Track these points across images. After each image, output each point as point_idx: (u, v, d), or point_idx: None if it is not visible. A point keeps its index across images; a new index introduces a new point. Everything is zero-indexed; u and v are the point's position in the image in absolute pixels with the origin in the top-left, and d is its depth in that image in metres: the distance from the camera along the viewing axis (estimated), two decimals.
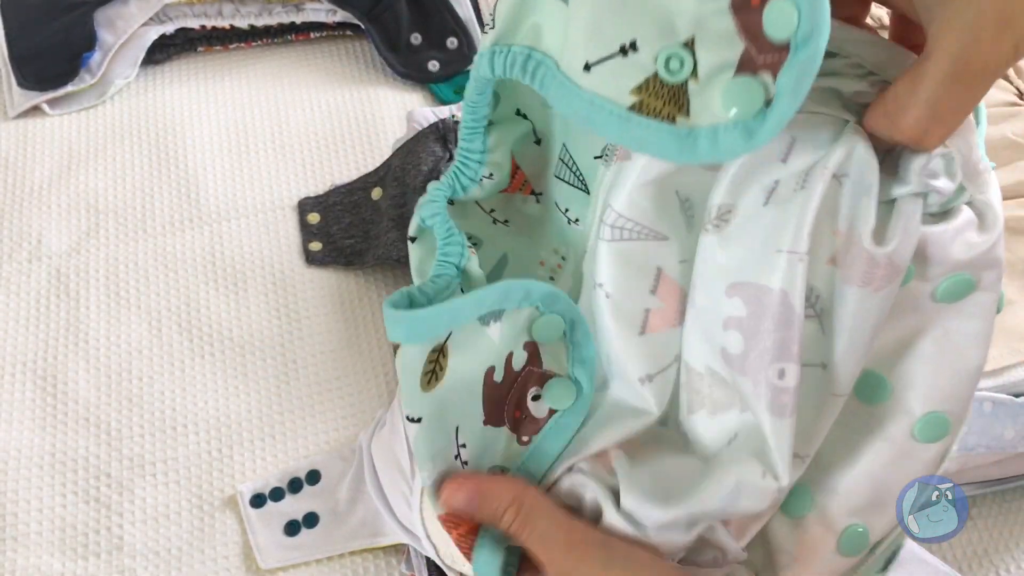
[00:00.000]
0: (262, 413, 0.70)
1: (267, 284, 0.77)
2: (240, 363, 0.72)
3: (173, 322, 0.74)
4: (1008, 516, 0.66)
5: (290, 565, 0.63)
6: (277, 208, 0.81)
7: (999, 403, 0.60)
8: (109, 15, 0.88)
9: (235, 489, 0.67)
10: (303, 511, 0.65)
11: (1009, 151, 0.71)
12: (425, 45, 0.90)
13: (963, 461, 0.62)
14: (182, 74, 0.90)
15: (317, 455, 0.68)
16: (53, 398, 0.70)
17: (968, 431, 0.60)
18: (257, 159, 0.85)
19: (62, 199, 0.82)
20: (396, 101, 0.89)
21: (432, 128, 0.78)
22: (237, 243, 0.79)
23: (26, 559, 0.63)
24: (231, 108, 0.88)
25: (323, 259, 0.78)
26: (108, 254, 0.78)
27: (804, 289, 0.38)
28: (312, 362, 0.73)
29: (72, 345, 0.73)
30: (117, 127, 0.86)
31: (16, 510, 0.65)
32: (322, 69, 0.91)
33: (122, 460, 0.68)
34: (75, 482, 0.67)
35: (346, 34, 0.93)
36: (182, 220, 0.80)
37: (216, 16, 0.90)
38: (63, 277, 0.77)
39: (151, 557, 0.64)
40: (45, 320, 0.74)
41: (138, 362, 0.72)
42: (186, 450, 0.68)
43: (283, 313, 0.75)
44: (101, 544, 0.64)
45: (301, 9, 0.90)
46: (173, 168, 0.84)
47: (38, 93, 0.87)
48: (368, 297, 0.76)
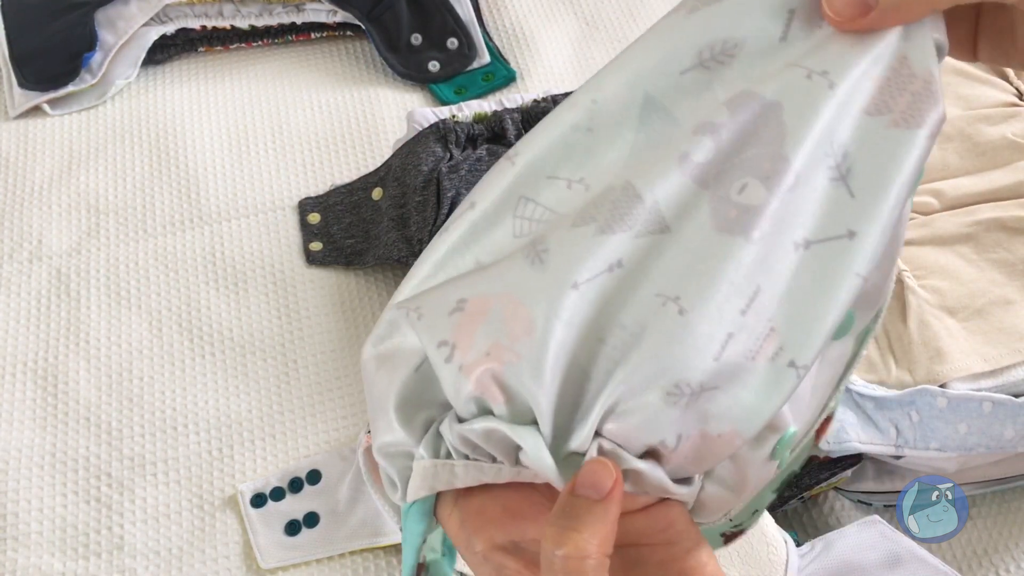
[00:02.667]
0: (262, 413, 0.70)
1: (267, 284, 0.77)
2: (240, 363, 0.73)
3: (173, 322, 0.74)
4: (1008, 516, 0.66)
5: (290, 565, 0.63)
6: (277, 208, 0.82)
7: (999, 403, 0.60)
8: (110, 15, 0.88)
9: (235, 489, 0.67)
10: (303, 511, 0.65)
11: (1009, 151, 0.71)
12: (425, 45, 0.90)
13: (963, 461, 0.62)
14: (183, 74, 0.90)
15: (317, 455, 0.68)
16: (54, 398, 0.70)
17: (968, 431, 0.60)
18: (257, 159, 0.85)
19: (63, 199, 0.82)
20: (396, 101, 0.89)
21: (432, 128, 0.79)
22: (237, 243, 0.79)
23: (27, 559, 0.63)
24: (231, 108, 0.88)
25: (323, 259, 0.78)
26: (108, 254, 0.78)
27: (808, 111, 0.36)
28: (312, 362, 0.73)
29: (72, 345, 0.73)
30: (118, 127, 0.86)
31: (17, 510, 0.65)
32: (322, 69, 0.91)
33: (122, 460, 0.68)
34: (75, 482, 0.67)
35: (346, 34, 0.93)
36: (182, 220, 0.81)
37: (217, 16, 0.90)
38: (63, 277, 0.77)
39: (151, 557, 0.64)
40: (46, 320, 0.74)
41: (138, 362, 0.72)
42: (186, 450, 0.68)
43: (283, 313, 0.75)
44: (101, 544, 0.64)
45: (302, 9, 0.90)
46: (173, 168, 0.84)
47: (39, 93, 0.87)
48: (368, 297, 0.76)
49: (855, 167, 0.36)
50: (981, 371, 0.62)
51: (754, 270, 0.35)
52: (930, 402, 0.61)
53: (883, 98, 0.36)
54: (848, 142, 0.36)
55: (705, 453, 0.36)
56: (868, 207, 0.36)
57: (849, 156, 0.36)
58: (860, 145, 0.36)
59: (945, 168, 0.71)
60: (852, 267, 0.36)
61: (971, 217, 0.68)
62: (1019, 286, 0.65)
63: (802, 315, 0.35)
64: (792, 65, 0.37)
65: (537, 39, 0.93)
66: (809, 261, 0.35)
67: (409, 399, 0.38)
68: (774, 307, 0.35)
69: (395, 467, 0.39)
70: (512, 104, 0.82)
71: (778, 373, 0.35)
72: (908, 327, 0.64)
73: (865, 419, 0.62)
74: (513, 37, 0.94)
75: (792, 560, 0.58)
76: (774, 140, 0.36)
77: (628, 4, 0.97)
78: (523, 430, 0.35)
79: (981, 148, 0.71)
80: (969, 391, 0.61)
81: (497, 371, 0.35)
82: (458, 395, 0.36)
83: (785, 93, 0.36)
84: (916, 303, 0.64)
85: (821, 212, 0.36)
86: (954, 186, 0.70)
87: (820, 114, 0.36)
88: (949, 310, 0.65)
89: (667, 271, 0.35)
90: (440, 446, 0.37)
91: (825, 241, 0.36)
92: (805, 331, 0.35)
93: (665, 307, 0.35)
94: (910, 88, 0.36)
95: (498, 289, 0.36)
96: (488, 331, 0.35)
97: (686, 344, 0.34)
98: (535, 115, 0.81)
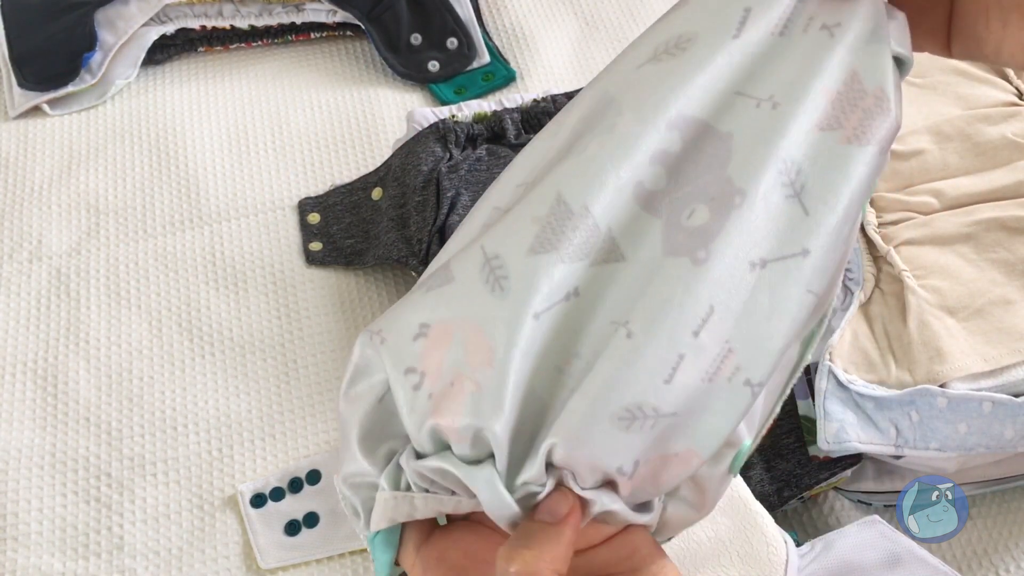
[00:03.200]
0: (262, 413, 0.70)
1: (267, 284, 0.77)
2: (240, 363, 0.73)
3: (173, 322, 0.74)
4: (1008, 516, 0.66)
5: (290, 565, 0.63)
6: (277, 208, 0.82)
7: (999, 403, 0.60)
8: (109, 15, 0.88)
9: (235, 489, 0.67)
10: (303, 511, 0.65)
11: (1009, 151, 0.71)
12: (425, 45, 0.90)
13: (963, 461, 0.62)
14: (182, 74, 0.90)
15: (317, 455, 0.68)
16: (53, 398, 0.70)
17: (968, 431, 0.60)
18: (257, 159, 0.85)
19: (62, 199, 0.82)
20: (396, 101, 0.89)
21: (432, 128, 0.79)
22: (237, 243, 0.79)
23: (26, 559, 0.63)
24: (231, 108, 0.88)
25: (323, 259, 0.78)
26: (108, 254, 0.78)
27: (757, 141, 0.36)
28: (312, 362, 0.73)
29: (72, 345, 0.73)
30: (117, 127, 0.86)
31: (16, 510, 0.65)
32: (322, 69, 0.91)
33: (122, 460, 0.68)
34: (75, 482, 0.67)
35: (346, 34, 0.93)
36: (182, 220, 0.81)
37: (216, 16, 0.90)
38: (63, 277, 0.77)
39: (151, 557, 0.64)
40: (45, 320, 0.74)
41: (138, 362, 0.72)
42: (186, 450, 0.68)
43: (283, 313, 0.75)
44: (101, 544, 0.64)
45: (301, 9, 0.90)
46: (173, 168, 0.84)
47: (38, 93, 0.87)
48: (368, 297, 0.76)
49: (808, 183, 0.36)
50: (981, 371, 0.62)
51: (706, 291, 0.35)
52: (930, 402, 0.61)
53: (835, 113, 0.36)
54: (801, 159, 0.36)
55: (663, 475, 0.36)
56: (822, 224, 0.36)
57: (803, 172, 0.36)
58: (813, 161, 0.36)
59: (945, 168, 0.71)
60: (804, 284, 0.36)
61: (971, 217, 0.68)
62: (1019, 286, 0.65)
63: (757, 334, 0.35)
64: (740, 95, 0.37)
65: (537, 39, 0.93)
66: (765, 280, 0.35)
67: (372, 430, 0.37)
68: (730, 327, 0.35)
69: (359, 497, 0.39)
70: (512, 104, 0.82)
71: (735, 392, 0.35)
72: (908, 327, 0.64)
73: (865, 419, 0.62)
74: (513, 37, 0.94)
75: (792, 560, 0.58)
76: (721, 166, 0.36)
77: (628, 4, 0.97)
78: (476, 473, 0.35)
79: (981, 148, 0.71)
80: (969, 391, 0.61)
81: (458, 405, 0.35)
82: (421, 426, 0.36)
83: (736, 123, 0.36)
84: (916, 303, 0.64)
85: (777, 230, 0.36)
86: (954, 186, 0.70)
87: (769, 138, 0.36)
88: (949, 310, 0.65)
89: (620, 298, 0.35)
90: (400, 478, 0.37)
91: (781, 260, 0.36)
92: (760, 350, 0.35)
93: (616, 333, 0.35)
94: (861, 105, 0.36)
95: (459, 315, 0.36)
96: (453, 359, 0.35)
97: (635, 368, 0.34)
98: (535, 115, 0.81)
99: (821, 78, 0.36)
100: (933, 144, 0.71)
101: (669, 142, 0.37)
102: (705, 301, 0.35)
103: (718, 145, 0.36)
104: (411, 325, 0.36)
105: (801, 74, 0.36)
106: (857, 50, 0.37)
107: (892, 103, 0.36)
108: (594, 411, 0.34)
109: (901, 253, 0.67)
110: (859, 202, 0.36)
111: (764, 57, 0.37)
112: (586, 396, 0.34)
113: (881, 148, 0.36)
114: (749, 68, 0.37)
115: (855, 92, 0.36)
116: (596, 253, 0.36)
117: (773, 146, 0.36)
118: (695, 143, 0.37)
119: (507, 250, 0.36)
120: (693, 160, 0.36)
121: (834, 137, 0.36)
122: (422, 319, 0.36)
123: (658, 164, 0.37)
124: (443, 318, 0.36)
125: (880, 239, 0.68)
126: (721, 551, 0.59)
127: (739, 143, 0.36)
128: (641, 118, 0.37)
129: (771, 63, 0.37)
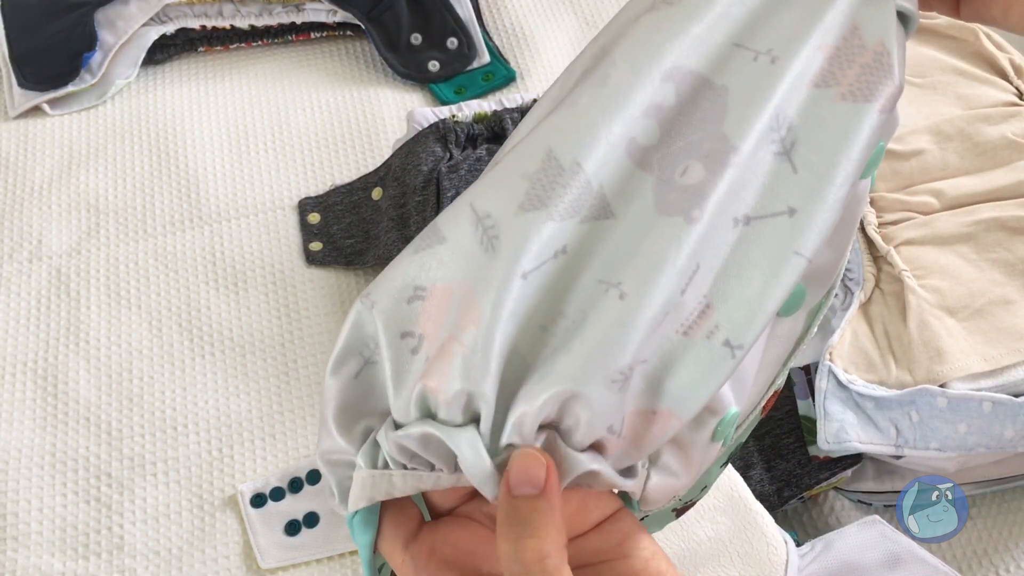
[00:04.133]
0: (262, 413, 0.70)
1: (267, 284, 0.77)
2: (240, 363, 0.73)
3: (173, 322, 0.74)
4: (1008, 516, 0.66)
5: (290, 565, 0.63)
6: (277, 208, 0.82)
7: (999, 403, 0.60)
8: (109, 15, 0.88)
9: (235, 489, 0.67)
10: (303, 511, 0.65)
11: (1009, 151, 0.71)
12: (425, 45, 0.90)
13: (963, 461, 0.62)
14: (182, 74, 0.90)
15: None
16: (53, 398, 0.70)
17: (968, 431, 0.60)
18: (257, 159, 0.85)
19: (62, 199, 0.82)
20: (396, 101, 0.89)
21: (432, 128, 0.79)
22: (237, 243, 0.79)
23: (26, 559, 0.63)
24: (231, 108, 0.88)
25: (323, 259, 0.78)
26: (108, 254, 0.78)
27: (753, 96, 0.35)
28: (312, 362, 0.73)
29: (72, 345, 0.73)
30: (117, 127, 0.86)
31: (16, 510, 0.65)
32: (322, 69, 0.91)
33: (122, 460, 0.68)
34: (75, 482, 0.67)
35: (346, 34, 0.93)
36: (182, 220, 0.81)
37: (216, 16, 0.90)
38: (63, 277, 0.77)
39: (151, 557, 0.64)
40: (45, 320, 0.74)
41: (138, 362, 0.72)
42: (186, 450, 0.68)
43: (283, 313, 0.75)
44: (101, 544, 0.64)
45: (301, 9, 0.90)
46: (173, 168, 0.84)
47: (38, 93, 0.87)
48: None
49: (799, 141, 0.35)
50: (981, 371, 0.62)
51: (696, 250, 0.34)
52: (930, 402, 0.61)
53: (831, 69, 0.36)
54: (793, 115, 0.35)
55: (643, 433, 0.35)
56: (811, 184, 0.35)
57: (793, 129, 0.35)
58: (805, 119, 0.35)
59: (945, 168, 0.71)
60: (791, 246, 0.34)
61: (971, 217, 0.68)
62: (1019, 286, 0.65)
63: (740, 294, 0.34)
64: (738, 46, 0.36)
65: (537, 39, 0.93)
66: (748, 237, 0.35)
67: (348, 406, 0.36)
68: (709, 283, 0.34)
69: (335, 476, 0.38)
70: (512, 104, 0.82)
71: (712, 352, 0.34)
72: (908, 327, 0.64)
73: (865, 419, 0.62)
74: (513, 37, 0.94)
75: (792, 560, 0.58)
76: (716, 121, 0.35)
77: None
78: (459, 435, 0.34)
79: (981, 148, 0.71)
80: (969, 391, 0.61)
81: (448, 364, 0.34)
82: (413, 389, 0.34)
83: (732, 77, 0.36)
84: (916, 303, 0.64)
85: (763, 188, 0.35)
86: (954, 186, 0.70)
87: (765, 93, 0.35)
88: (949, 310, 0.65)
89: (610, 257, 0.34)
90: (378, 455, 0.36)
91: (764, 218, 0.35)
92: (742, 311, 0.34)
93: (607, 293, 0.34)
94: (859, 60, 0.35)
95: (458, 276, 0.35)
96: (449, 321, 0.34)
97: (628, 329, 0.33)
98: None
99: (819, 32, 0.36)
100: (933, 144, 0.72)
101: (663, 95, 0.36)
102: (694, 260, 0.34)
103: (713, 99, 0.35)
104: (405, 288, 0.35)
105: (801, 27, 0.36)
106: (859, 2, 0.36)
107: (894, 59, 0.36)
108: (587, 374, 0.33)
109: (901, 253, 0.67)
110: (854, 163, 0.35)
111: (765, 8, 0.36)
112: (578, 358, 0.33)
113: (881, 106, 0.35)
114: (748, 20, 0.36)
115: (853, 47, 0.36)
116: (586, 210, 0.35)
117: (768, 102, 0.35)
118: (690, 97, 0.36)
119: (498, 208, 0.35)
120: (687, 115, 0.36)
121: (828, 94, 0.35)
122: (416, 281, 0.35)
123: (651, 118, 0.36)
124: (442, 278, 0.35)
125: (880, 239, 0.68)
126: (721, 551, 0.59)
127: (734, 98, 0.35)
128: (635, 68, 0.36)
129: (772, 15, 0.36)
